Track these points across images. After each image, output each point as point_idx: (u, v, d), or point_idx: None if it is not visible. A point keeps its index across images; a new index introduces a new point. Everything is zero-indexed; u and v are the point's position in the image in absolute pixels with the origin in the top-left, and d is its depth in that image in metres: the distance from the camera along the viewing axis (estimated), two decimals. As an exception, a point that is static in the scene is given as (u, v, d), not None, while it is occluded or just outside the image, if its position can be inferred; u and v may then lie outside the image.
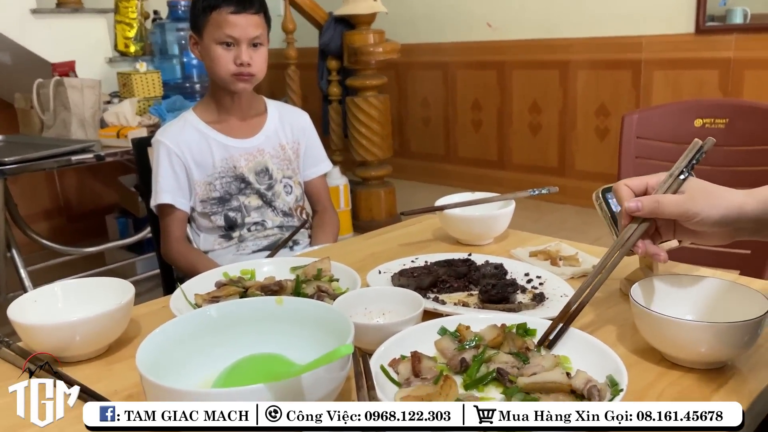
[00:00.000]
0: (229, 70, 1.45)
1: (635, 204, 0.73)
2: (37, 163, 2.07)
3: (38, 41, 2.75)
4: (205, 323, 0.75)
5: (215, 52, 1.45)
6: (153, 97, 2.58)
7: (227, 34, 1.43)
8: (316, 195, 1.68)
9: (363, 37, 3.26)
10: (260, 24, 1.47)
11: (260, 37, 1.47)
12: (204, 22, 1.46)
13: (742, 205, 0.71)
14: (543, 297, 0.91)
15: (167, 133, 1.52)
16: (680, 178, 0.74)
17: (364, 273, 1.01)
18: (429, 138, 4.46)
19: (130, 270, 2.98)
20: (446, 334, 0.78)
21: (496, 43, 3.92)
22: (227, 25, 1.43)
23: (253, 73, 1.47)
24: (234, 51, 1.45)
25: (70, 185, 3.61)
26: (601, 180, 3.50)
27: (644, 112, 1.70)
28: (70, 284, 0.92)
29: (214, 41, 1.45)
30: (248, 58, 1.45)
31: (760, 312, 0.70)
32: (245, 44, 1.45)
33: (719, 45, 3.11)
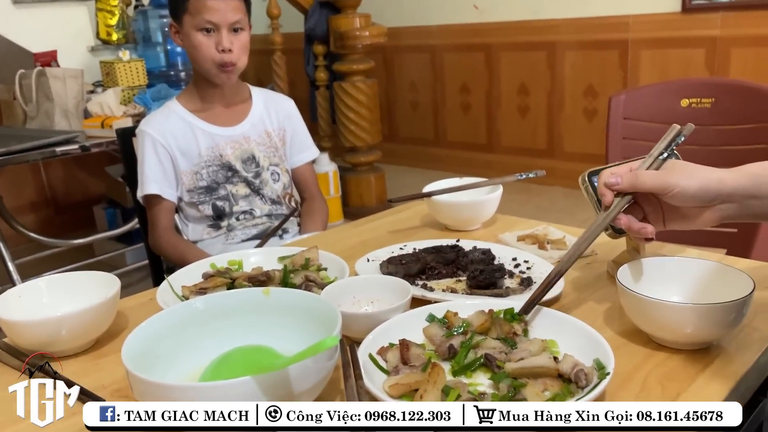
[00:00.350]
0: (212, 57, 1.44)
1: (615, 178, 0.74)
2: (22, 155, 2.05)
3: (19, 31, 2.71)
4: (191, 316, 0.75)
5: (196, 39, 1.44)
6: (137, 85, 2.55)
7: (207, 20, 1.42)
8: (304, 182, 1.67)
9: (349, 21, 3.23)
10: (240, 8, 1.45)
11: (240, 22, 1.45)
12: (183, 9, 1.44)
13: (721, 178, 0.71)
14: (530, 281, 0.91)
15: (151, 122, 1.50)
16: (660, 158, 0.74)
17: (353, 261, 1.01)
18: (418, 122, 4.45)
19: (120, 261, 2.97)
20: (434, 321, 0.78)
21: (482, 25, 3.89)
22: (206, 11, 1.41)
23: (234, 61, 1.45)
24: (215, 37, 1.43)
25: (56, 176, 3.58)
26: (590, 161, 3.52)
27: (631, 93, 1.70)
28: (55, 279, 0.91)
29: (194, 28, 1.43)
30: (229, 44, 1.43)
31: (745, 292, 0.71)
32: (226, 29, 1.43)
33: (705, 23, 3.11)
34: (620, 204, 0.76)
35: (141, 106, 2.43)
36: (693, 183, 0.71)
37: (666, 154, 0.74)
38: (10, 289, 0.88)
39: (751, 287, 0.71)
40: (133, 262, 2.90)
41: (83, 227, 3.36)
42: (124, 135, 1.60)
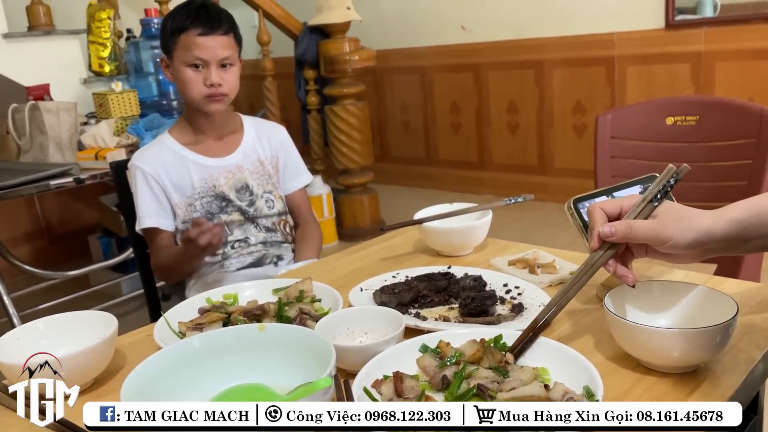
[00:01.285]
0: (200, 92, 1.45)
1: (609, 229, 0.76)
2: (16, 189, 2.06)
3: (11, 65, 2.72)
4: (188, 354, 0.76)
5: (185, 74, 1.45)
6: (130, 116, 2.57)
7: (196, 56, 1.43)
8: (297, 208, 1.68)
9: (338, 45, 3.28)
10: (229, 44, 1.47)
11: (230, 58, 1.47)
12: (173, 44, 1.46)
13: (710, 227, 0.74)
14: (521, 307, 0.93)
15: (143, 157, 1.52)
16: (653, 204, 0.76)
17: (347, 290, 1.03)
18: (409, 142, 4.48)
19: (115, 290, 2.96)
20: (427, 351, 0.80)
21: (470, 45, 3.95)
22: (196, 47, 1.43)
23: (224, 92, 1.47)
24: (204, 72, 1.45)
25: (50, 207, 3.58)
26: (581, 176, 3.56)
27: (617, 112, 1.73)
28: (53, 320, 0.92)
29: (184, 63, 1.45)
30: (218, 79, 1.44)
31: (729, 315, 0.73)
32: (215, 65, 1.45)
33: (689, 39, 3.16)
34: (608, 254, 0.78)
35: (134, 136, 2.45)
36: (685, 236, 0.73)
37: (657, 202, 0.76)
38: (9, 331, 0.89)
39: (735, 310, 0.73)
40: (128, 291, 2.89)
41: (78, 257, 3.35)
42: (118, 168, 1.61)
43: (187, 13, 1.45)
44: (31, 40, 2.83)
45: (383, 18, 4.23)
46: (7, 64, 2.71)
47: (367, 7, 3.87)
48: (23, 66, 2.75)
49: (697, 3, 3.17)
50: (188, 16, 1.44)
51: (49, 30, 2.89)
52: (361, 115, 3.43)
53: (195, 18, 1.43)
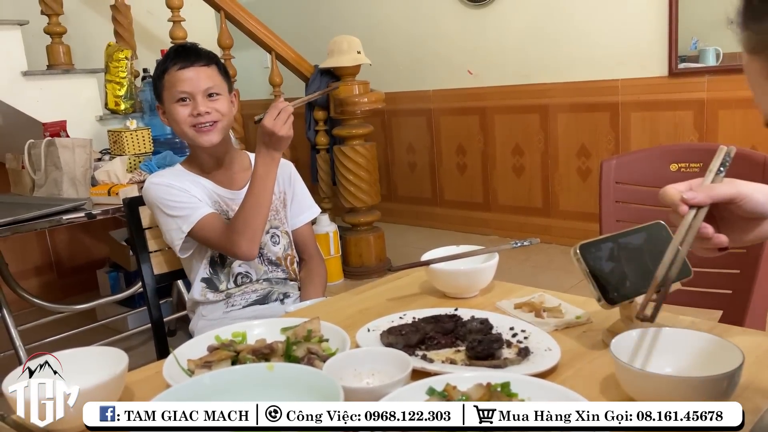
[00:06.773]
0: (188, 123, 1.48)
1: (690, 194, 0.80)
2: (29, 224, 2.09)
3: (29, 102, 2.79)
4: (198, 392, 0.77)
5: (174, 110, 1.49)
6: (143, 153, 2.62)
7: (180, 90, 1.47)
8: (303, 243, 1.70)
9: (348, 88, 3.35)
10: (213, 75, 1.50)
11: (215, 88, 1.50)
12: (161, 87, 1.51)
13: None
14: (528, 351, 0.93)
15: (161, 176, 1.56)
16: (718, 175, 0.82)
17: (354, 330, 1.04)
18: (416, 182, 4.53)
19: (121, 325, 2.97)
20: (434, 394, 0.80)
21: (477, 89, 4.03)
22: (178, 82, 1.47)
23: (213, 119, 1.49)
24: (191, 105, 1.48)
25: (60, 241, 3.62)
26: (586, 219, 3.58)
27: (621, 159, 1.76)
28: (63, 355, 0.93)
29: (172, 101, 1.49)
30: (205, 108, 1.47)
31: (735, 364, 0.73)
32: (200, 96, 1.48)
33: (692, 87, 3.22)
34: (701, 214, 0.81)
35: (146, 173, 2.49)
36: (760, 192, 0.79)
37: (722, 169, 0.82)
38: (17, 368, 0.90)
39: (741, 359, 0.74)
40: (135, 326, 2.89)
41: (86, 290, 3.37)
42: (131, 204, 1.64)
43: (167, 56, 1.52)
44: (50, 78, 2.90)
45: (392, 62, 4.33)
46: (25, 101, 2.78)
47: (378, 51, 3.96)
48: (41, 103, 2.82)
49: (700, 52, 3.24)
50: (168, 57, 1.51)
51: (68, 68, 2.97)
52: (368, 155, 3.48)
53: (174, 56, 1.50)
